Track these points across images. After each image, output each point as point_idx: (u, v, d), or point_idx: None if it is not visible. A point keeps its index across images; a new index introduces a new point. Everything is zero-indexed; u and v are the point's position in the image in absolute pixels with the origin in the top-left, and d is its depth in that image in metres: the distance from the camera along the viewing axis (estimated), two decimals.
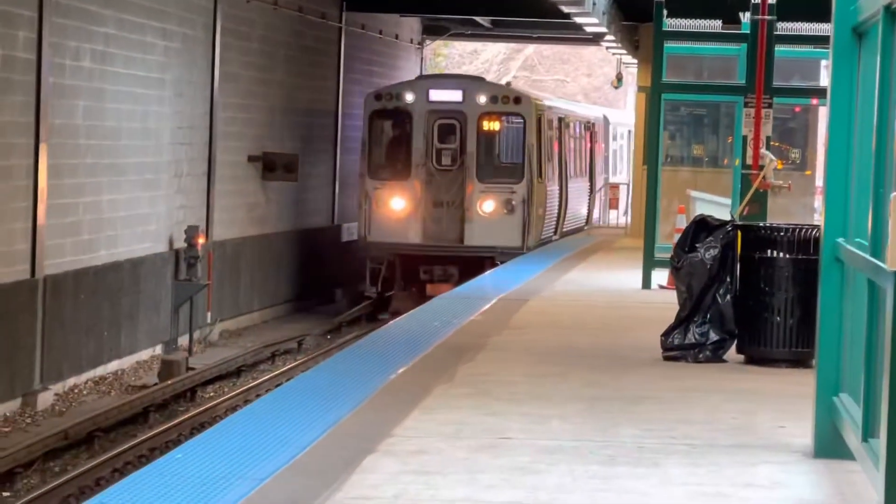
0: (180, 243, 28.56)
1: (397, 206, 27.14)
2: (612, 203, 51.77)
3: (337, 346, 28.58)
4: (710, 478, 10.67)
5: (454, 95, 28.16)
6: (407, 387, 14.12)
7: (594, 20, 31.62)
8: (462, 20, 43.87)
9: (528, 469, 10.66)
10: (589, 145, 38.74)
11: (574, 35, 40.40)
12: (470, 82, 29.34)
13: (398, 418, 12.46)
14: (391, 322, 22.34)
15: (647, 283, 24.50)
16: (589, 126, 38.91)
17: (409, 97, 27.70)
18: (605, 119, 44.40)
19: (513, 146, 28.02)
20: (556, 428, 12.37)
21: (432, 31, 46.17)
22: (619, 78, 46.25)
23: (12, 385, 22.22)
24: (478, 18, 42.33)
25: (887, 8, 9.47)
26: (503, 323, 19.40)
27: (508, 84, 38.48)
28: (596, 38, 38.69)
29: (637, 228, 31.37)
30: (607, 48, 40.98)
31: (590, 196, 40.74)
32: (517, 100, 28.14)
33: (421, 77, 31.17)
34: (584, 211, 39.04)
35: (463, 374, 15.10)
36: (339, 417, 12.42)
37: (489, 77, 52.39)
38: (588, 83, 56.26)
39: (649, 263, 24.92)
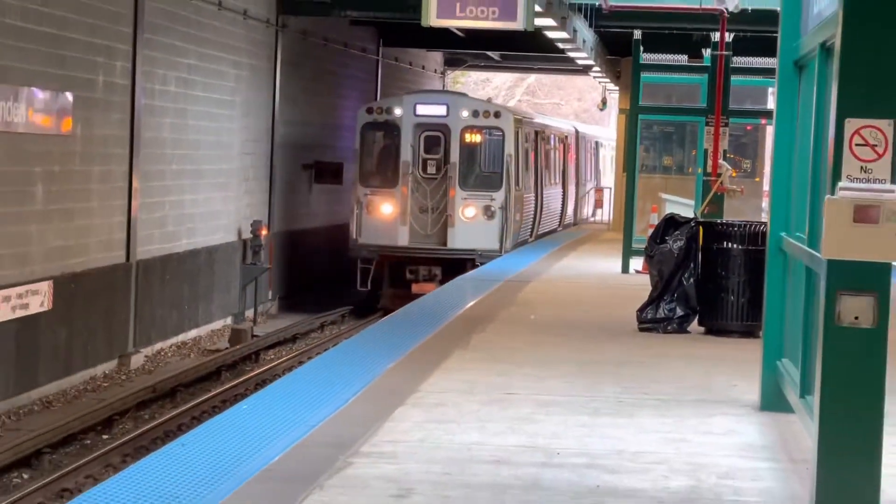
0: (247, 234, 28.55)
1: (386, 211, 25.79)
2: (598, 203, 51.89)
3: (367, 320, 27.09)
4: (675, 427, 10.81)
5: (439, 110, 26.65)
6: (430, 351, 14.13)
7: (584, 54, 31.49)
8: (476, 54, 43.78)
9: (528, 419, 10.84)
10: (562, 156, 36.95)
11: (568, 66, 40.23)
12: (454, 98, 28.13)
13: (423, 377, 12.54)
14: (421, 298, 21.51)
15: (625, 269, 24.47)
16: (562, 139, 37.32)
17: (398, 111, 26.28)
18: (577, 132, 42.55)
19: (493, 157, 26.53)
20: (552, 386, 12.42)
21: (453, 62, 46.32)
22: (604, 102, 46.26)
23: (110, 348, 22.37)
24: (489, 53, 42.25)
25: (822, 45, 9.56)
26: (510, 300, 19.48)
27: (489, 100, 35.76)
28: (585, 69, 38.54)
29: (618, 224, 31.35)
30: (594, 77, 40.88)
31: (562, 201, 38.33)
32: (497, 114, 26.71)
33: (409, 93, 29.48)
34: (558, 214, 36.97)
35: (476, 341, 15.09)
36: (375, 376, 12.50)
37: (497, 100, 50.19)
38: (579, 106, 56.23)
39: (628, 252, 24.89)
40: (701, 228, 16.96)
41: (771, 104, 13.55)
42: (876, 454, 7.75)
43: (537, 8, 17.41)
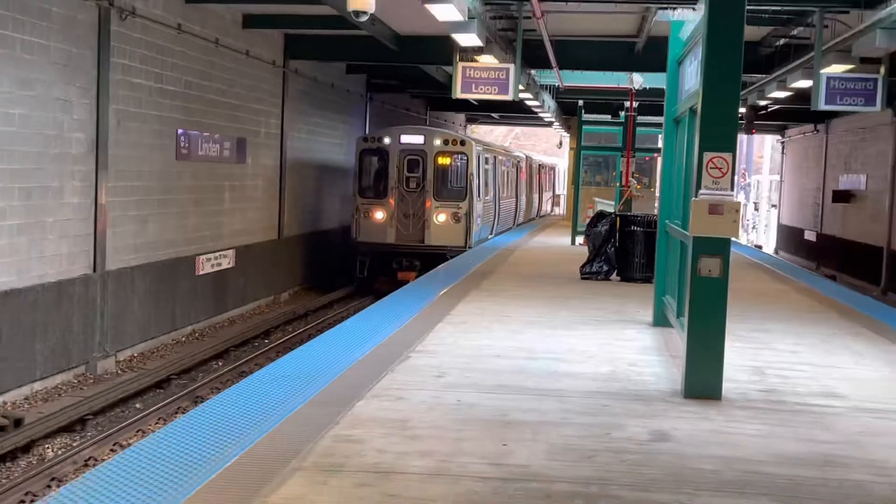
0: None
1: (378, 217, 23.44)
2: (556, 203, 51.93)
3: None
4: (604, 335, 10.85)
5: (418, 139, 24.03)
6: (456, 292, 13.98)
7: (548, 114, 31.26)
8: (484, 115, 43.43)
9: (517, 331, 10.87)
10: (515, 175, 33.69)
11: (539, 122, 39.86)
12: (429, 130, 25.53)
13: (452, 307, 12.50)
14: (448, 262, 20.36)
15: (573, 242, 24.11)
16: (516, 163, 34.16)
17: (387, 140, 23.78)
18: (528, 158, 39.14)
19: (459, 175, 24.02)
20: (530, 312, 12.38)
21: (471, 119, 45.61)
22: (560, 143, 45.82)
23: (268, 290, 22.78)
24: (492, 114, 41.83)
25: (690, 109, 9.72)
26: (504, 261, 19.18)
27: (459, 132, 33.59)
28: (549, 124, 38.21)
29: (569, 216, 31.19)
30: (555, 128, 40.72)
31: (515, 206, 34.56)
32: (462, 143, 24.30)
33: (394, 126, 26.88)
34: (512, 216, 33.43)
35: (485, 285, 14.99)
36: (422, 307, 12.40)
37: (498, 142, 49.33)
38: (546, 146, 56.18)
39: (574, 233, 24.60)
40: (618, 219, 16.93)
41: (660, 144, 13.86)
42: (720, 350, 7.99)
43: (520, 87, 17.71)
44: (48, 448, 11.51)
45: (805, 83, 18.01)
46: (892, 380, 9.16)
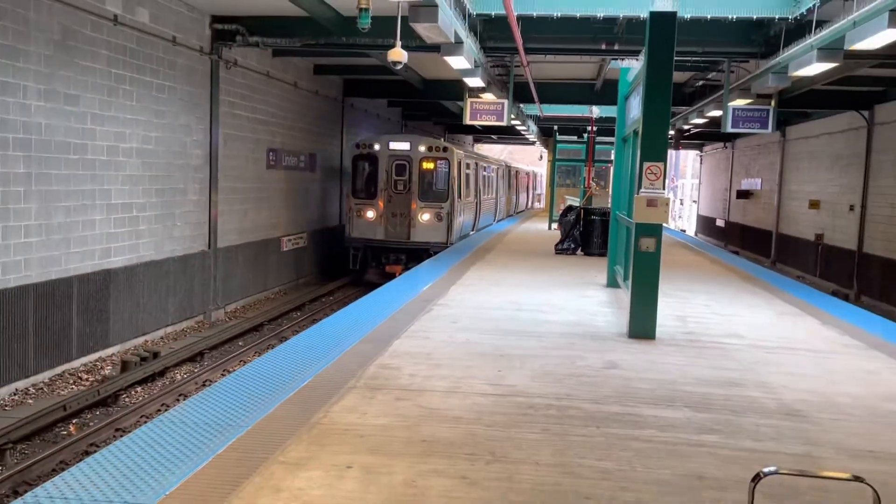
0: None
1: (369, 216, 19.53)
2: (539, 200, 51.61)
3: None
4: (572, 294, 10.77)
5: (405, 146, 19.89)
6: (464, 264, 13.87)
7: (532, 136, 31.25)
8: (486, 136, 42.74)
9: (509, 292, 10.79)
10: (495, 179, 28.91)
11: (525, 141, 39.72)
12: (414, 138, 20.93)
13: (461, 274, 12.42)
14: (461, 241, 19.72)
15: (549, 227, 23.96)
16: (495, 169, 29.31)
17: (377, 146, 19.57)
18: (507, 165, 33.67)
19: (442, 178, 19.94)
20: (518, 277, 12.32)
21: (477, 140, 44.60)
22: (541, 157, 45.68)
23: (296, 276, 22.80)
24: (491, 135, 41.25)
25: (634, 131, 9.70)
26: (500, 241, 19.11)
27: (443, 139, 27.08)
28: (533, 143, 38.07)
29: (547, 209, 31.18)
30: (538, 145, 40.63)
31: (495, 205, 29.37)
32: (444, 149, 20.10)
33: (384, 134, 22.73)
34: (492, 214, 28.54)
35: (486, 259, 14.87)
36: (441, 274, 12.35)
37: (495, 157, 47.45)
38: (531, 159, 55.54)
39: (550, 220, 24.60)
40: (582, 211, 16.86)
41: (612, 157, 13.76)
42: (654, 304, 7.97)
43: (512, 116, 17.62)
44: (177, 373, 11.59)
45: (717, 112, 18.02)
46: (777, 325, 9.14)
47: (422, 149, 19.93)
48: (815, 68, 11.41)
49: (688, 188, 51.51)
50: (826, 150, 23.08)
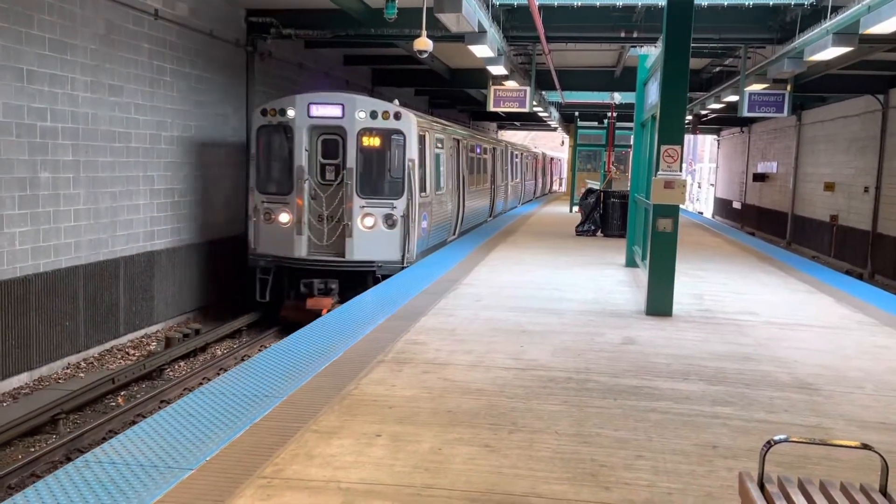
0: None
1: (283, 220, 12.08)
2: (560, 183, 51.14)
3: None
4: (592, 273, 10.74)
5: (334, 111, 12.14)
6: (488, 245, 13.82)
7: (554, 122, 31.10)
8: (509, 123, 42.22)
9: (530, 271, 10.78)
10: (490, 163, 20.44)
11: (547, 127, 39.49)
12: (350, 98, 12.37)
13: (486, 255, 12.40)
14: (487, 223, 18.14)
15: (570, 210, 23.95)
16: (491, 149, 20.63)
17: (291, 112, 12.14)
18: (507, 146, 24.70)
19: (394, 162, 12.16)
20: (540, 257, 12.27)
21: (501, 127, 44.37)
22: (563, 142, 45.40)
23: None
24: (515, 122, 40.87)
25: (652, 116, 9.61)
26: (523, 223, 18.99)
27: (396, 101, 12.85)
28: (554, 129, 37.91)
29: (568, 192, 31.02)
30: (559, 131, 40.32)
31: (491, 197, 20.68)
32: (397, 116, 12.15)
33: (304, 93, 12.73)
34: (487, 208, 20.10)
35: (509, 239, 14.81)
36: (465, 255, 12.31)
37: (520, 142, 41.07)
38: (553, 144, 55.23)
39: (571, 203, 24.49)
40: (602, 194, 16.74)
41: (631, 141, 13.71)
42: (671, 282, 7.92)
43: (534, 103, 17.53)
44: (217, 349, 11.68)
45: (733, 98, 17.76)
46: (791, 302, 9.03)
47: (361, 115, 12.00)
48: (831, 53, 11.19)
49: (705, 172, 50.92)
50: (841, 134, 22.67)
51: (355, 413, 4.63)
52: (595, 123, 30.59)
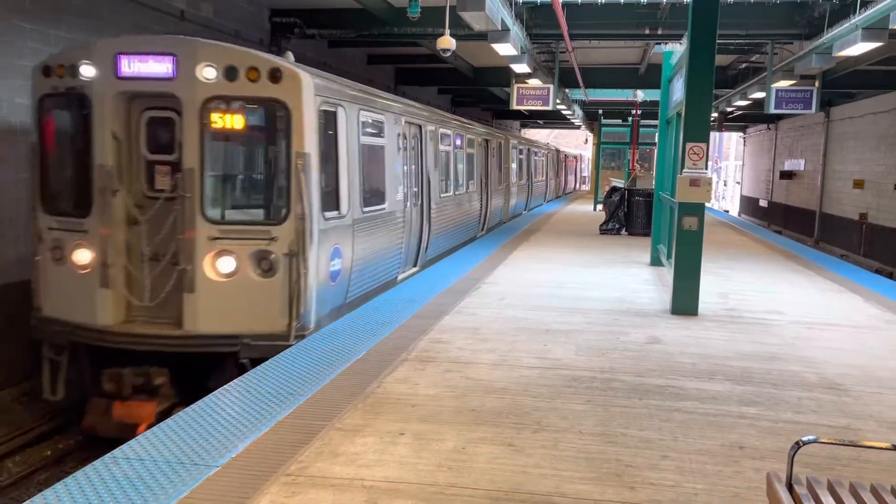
0: None
1: (79, 260, 5.35)
2: (584, 182, 50.73)
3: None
4: (616, 271, 10.70)
5: (159, 66, 5.12)
6: (512, 244, 13.75)
7: (578, 120, 30.91)
8: (532, 121, 42.14)
9: (554, 270, 10.72)
10: (485, 160, 15.84)
11: (571, 126, 39.29)
12: (189, 44, 5.34)
13: (509, 254, 12.34)
14: (511, 221, 17.92)
15: (595, 208, 23.83)
16: (483, 142, 15.69)
17: (88, 70, 5.21)
18: (507, 139, 19.37)
19: (273, 158, 5.24)
20: (563, 256, 12.22)
21: (524, 125, 44.05)
22: (586, 140, 45.09)
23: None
24: (538, 120, 40.69)
25: (677, 113, 9.43)
26: (546, 222, 18.89)
27: (290, 54, 7.49)
28: (578, 127, 37.66)
29: (592, 190, 30.87)
30: (583, 129, 40.02)
31: (481, 203, 15.47)
32: (274, 75, 5.19)
33: (110, 39, 5.33)
34: (476, 217, 15.13)
35: (532, 239, 14.74)
36: (489, 253, 12.27)
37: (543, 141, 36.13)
38: (576, 143, 54.84)
39: (596, 201, 24.36)
40: (626, 192, 16.64)
41: (656, 139, 13.53)
42: (697, 281, 7.84)
43: (558, 101, 17.43)
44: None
45: (760, 94, 17.55)
46: (818, 302, 8.90)
47: (208, 74, 6.09)
48: (860, 48, 11.01)
49: (731, 169, 50.39)
50: (871, 130, 22.32)
51: (379, 411, 4.64)
52: (619, 121, 30.41)
